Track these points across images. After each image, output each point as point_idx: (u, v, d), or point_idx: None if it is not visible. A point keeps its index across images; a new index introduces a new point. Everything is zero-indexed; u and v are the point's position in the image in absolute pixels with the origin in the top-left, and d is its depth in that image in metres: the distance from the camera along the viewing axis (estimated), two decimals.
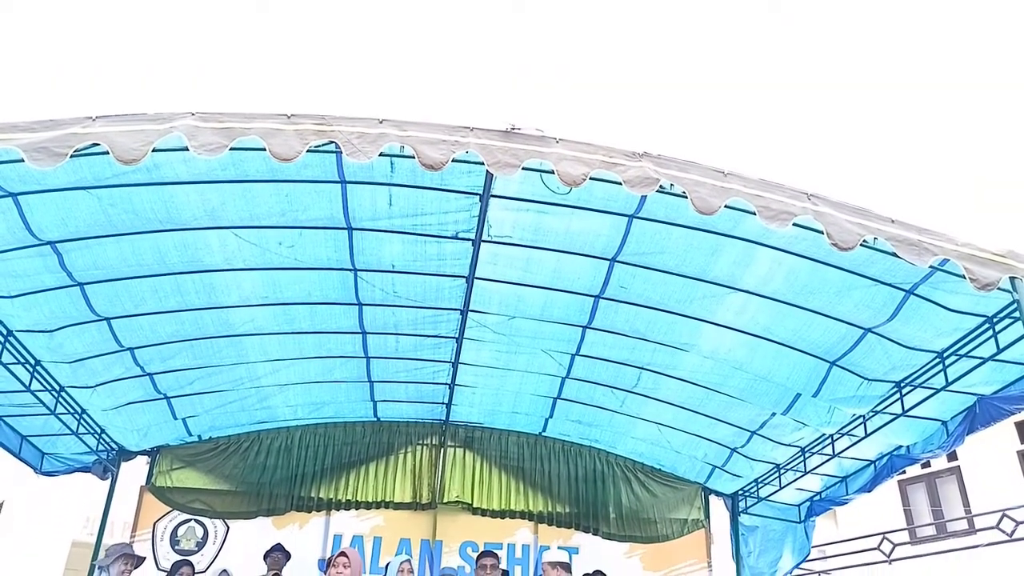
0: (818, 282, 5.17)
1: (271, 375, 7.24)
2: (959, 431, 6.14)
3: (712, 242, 5.07)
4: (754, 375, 6.46)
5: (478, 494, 8.32)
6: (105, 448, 7.61)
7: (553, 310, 6.20)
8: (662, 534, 8.51)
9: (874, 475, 7.37)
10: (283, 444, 8.23)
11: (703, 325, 6.02)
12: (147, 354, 6.48)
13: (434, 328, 6.65)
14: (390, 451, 8.41)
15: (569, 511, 8.44)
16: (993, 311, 5.00)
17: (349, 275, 5.81)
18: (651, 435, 8.12)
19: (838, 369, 5.99)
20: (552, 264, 5.61)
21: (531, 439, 8.62)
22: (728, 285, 5.47)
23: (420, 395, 7.96)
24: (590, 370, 7.13)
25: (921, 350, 5.57)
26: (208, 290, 5.79)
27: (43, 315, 5.58)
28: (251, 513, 7.98)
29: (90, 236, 4.96)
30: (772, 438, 7.40)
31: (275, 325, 6.42)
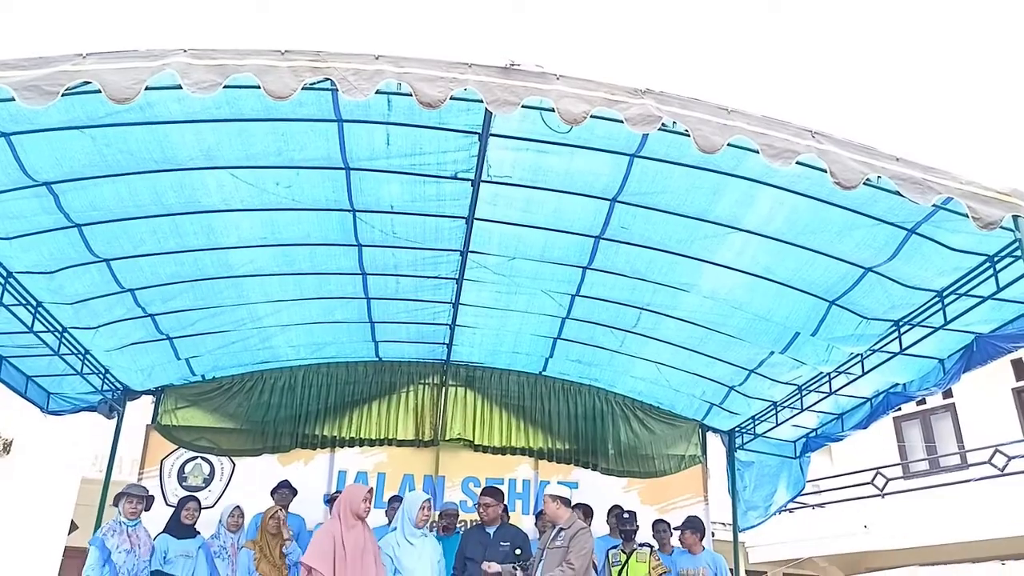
0: (820, 222, 5.14)
1: (272, 316, 7.27)
2: (956, 369, 6.20)
3: (714, 181, 5.02)
4: (753, 315, 6.49)
5: (479, 432, 8.46)
6: (110, 388, 7.70)
7: (553, 251, 6.19)
8: (660, 469, 8.69)
9: (870, 412, 7.48)
10: (286, 383, 8.33)
11: (703, 265, 6.01)
12: (148, 295, 6.49)
13: (434, 269, 6.65)
14: (392, 390, 8.51)
15: (569, 448, 8.60)
16: (994, 250, 4.99)
17: (348, 216, 5.78)
18: (650, 374, 8.21)
19: (837, 308, 6.02)
20: (552, 204, 5.57)
21: (531, 378, 8.71)
22: (729, 225, 5.45)
23: (421, 335, 8.01)
24: (590, 310, 7.16)
25: (921, 289, 5.58)
26: (207, 231, 5.77)
27: (42, 256, 5.58)
28: (256, 450, 8.13)
29: (85, 177, 4.92)
30: (770, 376, 7.48)
31: (275, 266, 6.42)
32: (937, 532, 12.08)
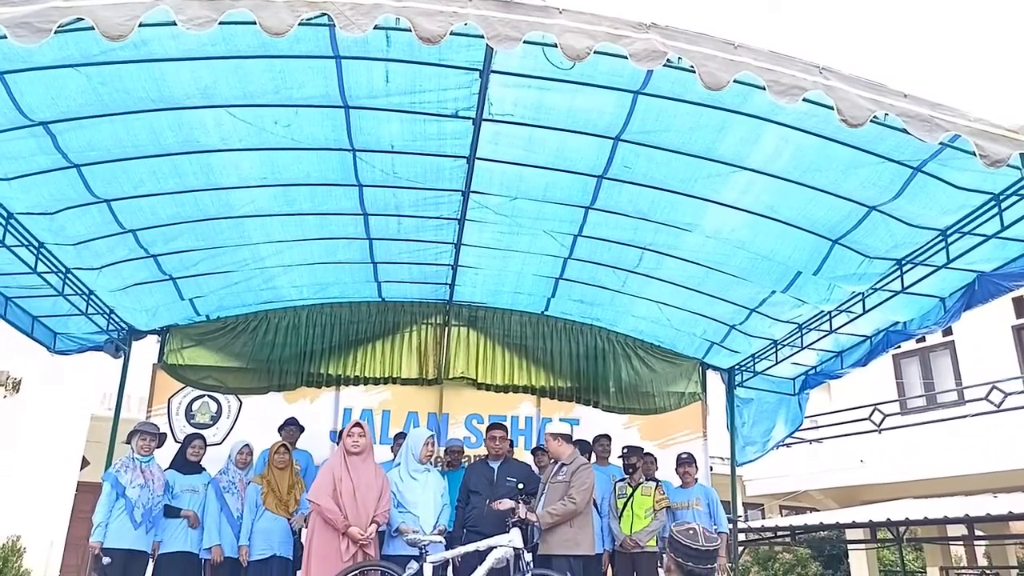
0: (825, 160, 5.09)
1: (274, 256, 7.28)
2: (956, 307, 6.23)
3: (719, 119, 4.94)
4: (756, 254, 6.48)
5: (482, 370, 8.55)
6: (116, 328, 7.77)
7: (555, 191, 6.15)
8: (660, 406, 8.82)
9: (869, 350, 7.54)
10: (290, 323, 8.39)
11: (707, 205, 5.97)
12: (149, 236, 6.49)
13: (436, 209, 6.62)
14: (395, 330, 8.58)
15: (570, 386, 8.71)
16: (1000, 188, 4.95)
17: (348, 155, 5.72)
18: (651, 313, 8.25)
19: (840, 247, 6.00)
20: (554, 143, 5.50)
21: (533, 318, 8.77)
22: (734, 164, 5.39)
23: (423, 276, 8.03)
24: (592, 251, 7.15)
25: (925, 228, 5.56)
26: (206, 171, 5.72)
27: (42, 197, 5.56)
28: (262, 389, 8.25)
29: (82, 116, 4.85)
30: (771, 315, 7.52)
31: (275, 206, 6.39)
32: (932, 466, 12.33)
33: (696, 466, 6.78)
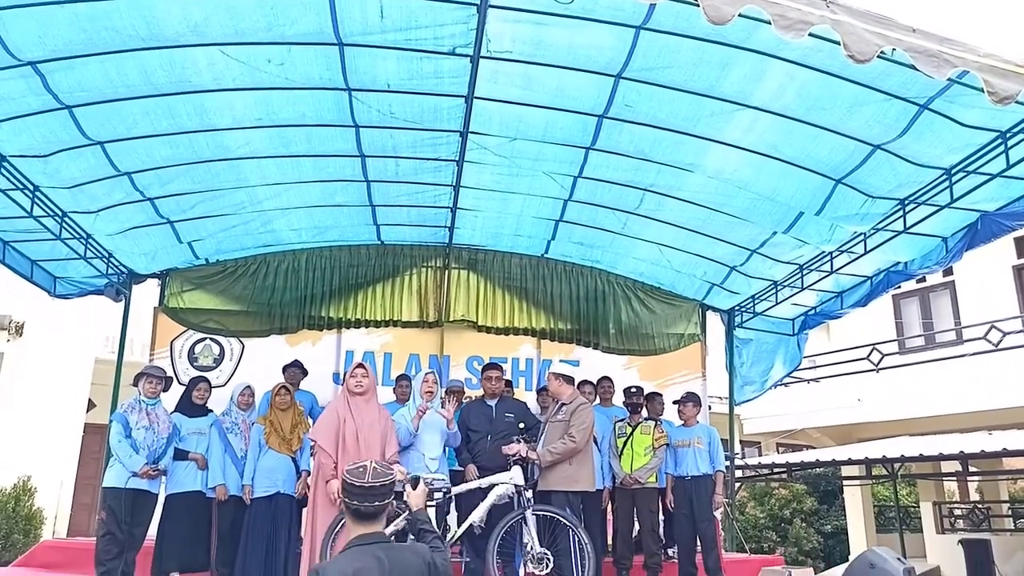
0: (830, 97, 4.99)
1: (272, 199, 7.22)
2: (958, 247, 6.20)
3: (722, 55, 4.83)
4: (758, 194, 6.43)
5: (483, 313, 8.58)
6: (115, 271, 7.76)
7: (555, 131, 6.05)
8: (659, 348, 8.88)
9: (870, 290, 7.55)
10: (290, 266, 8.38)
11: (709, 144, 5.89)
12: (145, 179, 6.43)
13: (434, 151, 6.53)
14: (395, 273, 8.57)
15: (570, 328, 8.75)
16: (1007, 126, 4.88)
17: (343, 95, 5.61)
18: (652, 255, 8.23)
19: (843, 187, 5.95)
20: (554, 82, 5.39)
21: (533, 260, 8.75)
22: (737, 102, 5.29)
23: (423, 219, 7.98)
24: (592, 192, 7.08)
25: (929, 167, 5.50)
26: (200, 112, 5.63)
27: (34, 139, 5.49)
28: (264, 332, 8.29)
29: (71, 56, 4.75)
30: (771, 256, 7.50)
31: (271, 148, 6.30)
32: (928, 405, 12.48)
33: (696, 405, 6.86)
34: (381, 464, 2.69)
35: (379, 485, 2.57)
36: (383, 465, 2.68)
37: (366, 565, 2.47)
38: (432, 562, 2.65)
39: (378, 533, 2.60)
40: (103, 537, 5.67)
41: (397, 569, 2.50)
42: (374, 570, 2.46)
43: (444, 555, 2.79)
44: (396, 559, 2.53)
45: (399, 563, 2.52)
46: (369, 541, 2.56)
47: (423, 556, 2.64)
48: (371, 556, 2.50)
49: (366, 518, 2.58)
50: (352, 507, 2.59)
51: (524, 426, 5.75)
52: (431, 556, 2.67)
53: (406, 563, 2.55)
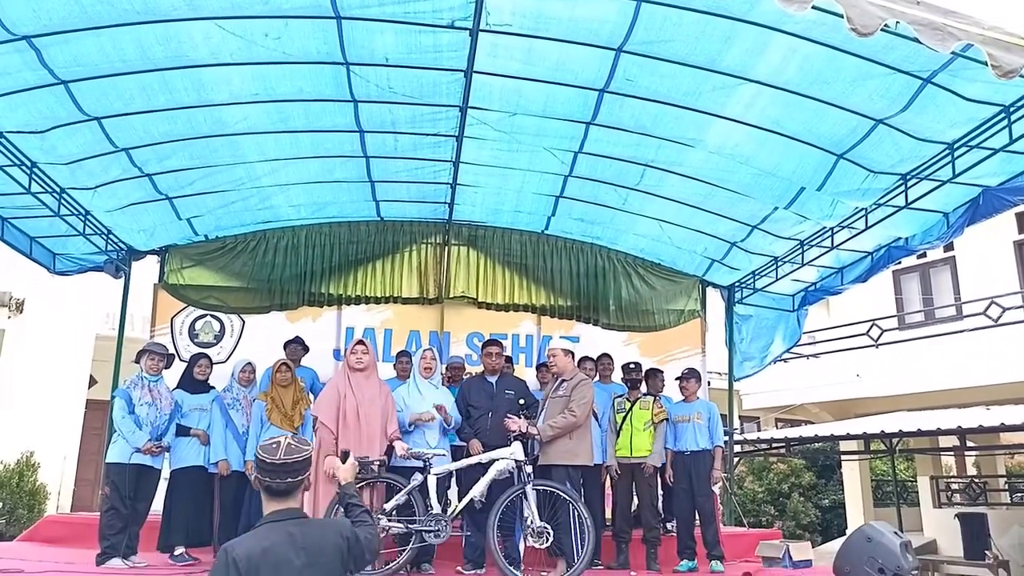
0: (833, 71, 4.95)
1: (270, 175, 7.18)
2: (960, 222, 6.19)
3: (725, 28, 4.78)
4: (759, 170, 6.40)
5: (483, 289, 8.58)
6: (114, 248, 7.76)
7: (555, 106, 6.01)
8: (659, 324, 8.89)
9: (870, 266, 7.54)
10: (289, 243, 8.37)
11: (711, 119, 5.85)
12: (143, 154, 6.39)
13: (433, 126, 6.48)
14: (395, 249, 8.56)
15: (571, 304, 8.75)
16: (1011, 100, 4.85)
17: (341, 69, 5.56)
18: (652, 231, 8.21)
19: (845, 162, 5.92)
20: (555, 56, 5.33)
21: (534, 237, 8.73)
22: (739, 76, 5.24)
23: (422, 195, 7.95)
24: (593, 168, 7.05)
25: (931, 141, 5.47)
26: (197, 87, 5.58)
27: (31, 115, 5.46)
28: (264, 308, 8.30)
29: (67, 30, 4.70)
30: (772, 232, 7.48)
31: (269, 123, 6.26)
32: (927, 380, 12.52)
33: (698, 381, 6.88)
34: (297, 440, 2.61)
35: (291, 462, 2.51)
36: (299, 441, 2.61)
37: (277, 541, 2.42)
38: (352, 537, 2.59)
39: (292, 509, 2.55)
40: (107, 512, 5.72)
41: (311, 545, 2.47)
42: (285, 546, 2.42)
43: (369, 530, 2.75)
44: (310, 534, 2.49)
45: (313, 538, 2.48)
46: (282, 517, 2.50)
47: (341, 531, 2.59)
48: (283, 532, 2.45)
49: (278, 495, 2.53)
50: (264, 483, 2.53)
51: (524, 402, 5.76)
52: (351, 531, 2.62)
53: (321, 538, 2.51)
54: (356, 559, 2.58)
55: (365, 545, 2.62)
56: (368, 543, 2.65)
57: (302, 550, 2.42)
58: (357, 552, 2.58)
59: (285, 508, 2.52)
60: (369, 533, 2.70)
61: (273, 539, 2.42)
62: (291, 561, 2.39)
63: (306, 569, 2.41)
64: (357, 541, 2.59)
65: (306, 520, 2.55)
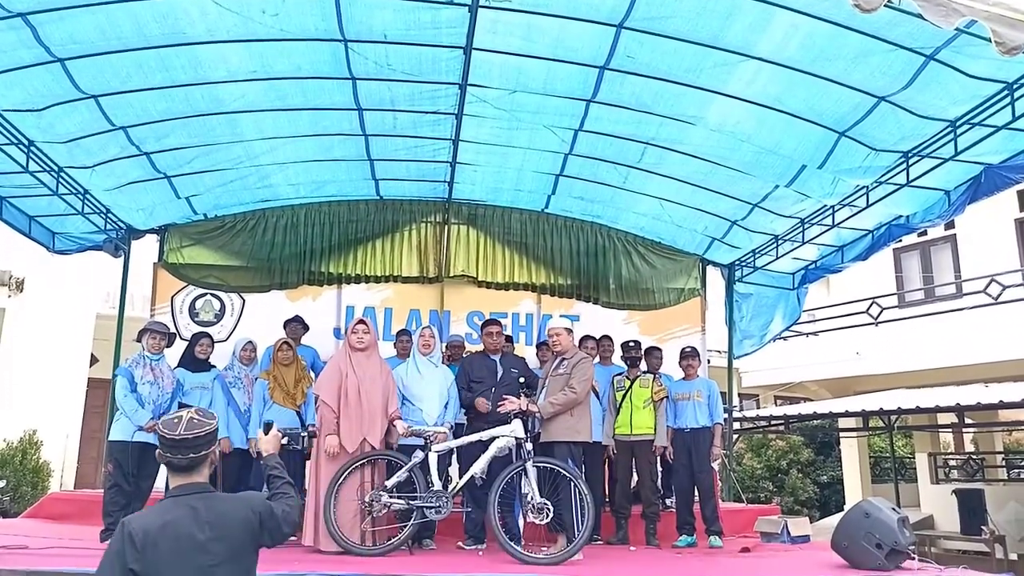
0: (835, 48, 4.91)
1: (269, 153, 7.15)
2: (961, 200, 6.18)
3: (726, 4, 4.73)
4: (760, 147, 6.37)
5: (483, 268, 8.57)
6: (113, 227, 7.74)
7: (556, 83, 5.96)
8: (659, 302, 8.90)
9: (871, 244, 7.54)
10: (289, 222, 8.35)
11: (712, 96, 5.81)
12: (141, 133, 6.36)
13: (432, 104, 6.44)
14: (395, 228, 8.54)
15: (571, 283, 8.75)
16: (1015, 77, 4.82)
17: (339, 46, 5.51)
18: (653, 210, 8.19)
19: (847, 140, 5.89)
20: (555, 32, 5.29)
21: (534, 216, 8.71)
22: (741, 52, 5.20)
23: (422, 173, 7.92)
24: (593, 146, 7.01)
25: (934, 119, 5.44)
26: (194, 64, 5.54)
27: (27, 93, 5.43)
28: (264, 287, 8.29)
29: (62, 7, 4.67)
30: (773, 210, 7.47)
31: (267, 101, 6.22)
32: (926, 358, 12.54)
33: (699, 359, 6.91)
34: (200, 414, 2.53)
35: (192, 437, 2.44)
36: (203, 415, 2.53)
37: (178, 516, 2.37)
38: (265, 510, 2.53)
39: (197, 483, 2.48)
40: (110, 489, 5.76)
41: (216, 519, 2.40)
42: (187, 521, 2.36)
43: (288, 502, 2.67)
44: (215, 509, 2.42)
45: (218, 513, 2.42)
46: (186, 492, 2.44)
47: (251, 505, 2.53)
48: (185, 507, 2.40)
49: (181, 470, 2.46)
50: (165, 459, 2.47)
51: (524, 381, 5.78)
52: (263, 505, 2.56)
53: (228, 512, 2.44)
54: (270, 532, 2.53)
55: (281, 518, 2.56)
56: (285, 516, 2.59)
57: (206, 524, 2.37)
58: (272, 525, 2.53)
59: (190, 483, 2.46)
60: (287, 506, 2.64)
61: (175, 513, 2.37)
62: (193, 535, 2.34)
63: (211, 543, 2.36)
64: (271, 514, 2.54)
65: (212, 494, 2.48)
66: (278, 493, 2.74)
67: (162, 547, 2.30)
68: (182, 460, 2.45)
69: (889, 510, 4.88)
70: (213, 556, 2.36)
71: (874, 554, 4.66)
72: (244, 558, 2.47)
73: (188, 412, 2.52)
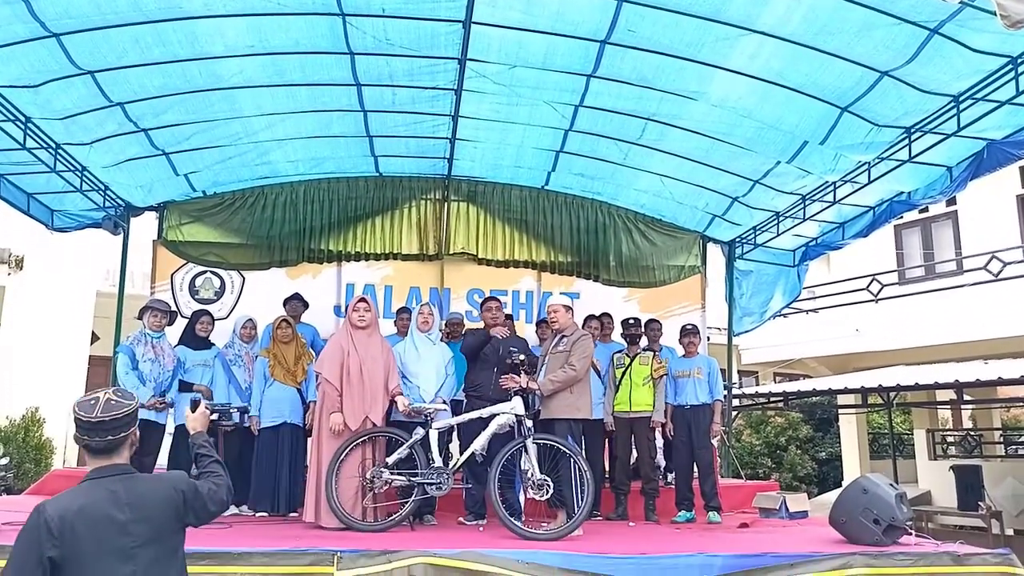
0: (838, 21, 4.86)
1: (267, 130, 7.10)
2: (963, 176, 6.15)
3: None
4: (762, 123, 6.32)
5: (483, 245, 8.55)
6: (112, 204, 7.71)
7: (556, 58, 5.91)
8: (659, 280, 8.89)
9: (872, 220, 7.51)
10: (288, 199, 8.31)
11: (713, 71, 5.76)
12: (138, 109, 6.32)
13: (431, 79, 6.39)
14: (394, 205, 8.51)
15: (571, 260, 8.74)
16: (1019, 51, 4.77)
17: (337, 20, 5.46)
18: (653, 187, 8.15)
19: (849, 115, 5.85)
20: (555, 5, 5.23)
21: (534, 192, 8.67)
22: (743, 26, 5.15)
23: (421, 150, 7.87)
24: (594, 122, 6.97)
25: (937, 94, 5.40)
26: (191, 39, 5.49)
27: (23, 69, 5.38)
28: (264, 264, 8.28)
29: None
30: (774, 187, 7.43)
31: (265, 77, 6.17)
32: (926, 334, 12.56)
33: (699, 337, 6.92)
34: (119, 395, 2.45)
35: (109, 419, 2.37)
36: (121, 395, 2.46)
37: (96, 499, 2.32)
38: (190, 489, 2.48)
39: (117, 465, 2.42)
40: None
41: (136, 500, 2.35)
42: (106, 503, 2.31)
43: (215, 480, 2.62)
44: (135, 490, 2.37)
45: (138, 494, 2.37)
46: (105, 474, 2.39)
47: (174, 484, 2.48)
48: (103, 489, 2.34)
49: (99, 453, 2.40)
50: (82, 442, 2.40)
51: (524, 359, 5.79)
52: (187, 483, 2.50)
53: (149, 493, 2.40)
54: (196, 512, 2.49)
55: (208, 496, 2.52)
56: (212, 494, 2.54)
57: (126, 506, 2.33)
58: (197, 504, 2.49)
59: (109, 464, 2.41)
60: (214, 484, 2.59)
61: (92, 496, 2.33)
62: (112, 517, 2.30)
63: (131, 524, 2.32)
64: (196, 493, 2.49)
65: (133, 475, 2.43)
66: (206, 471, 2.67)
67: (80, 531, 2.25)
68: (100, 443, 2.38)
69: (887, 486, 4.90)
70: (135, 537, 2.32)
71: (872, 529, 4.69)
72: (168, 538, 2.43)
73: (106, 393, 2.44)
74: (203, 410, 2.96)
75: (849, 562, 4.33)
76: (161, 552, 2.39)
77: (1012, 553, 4.49)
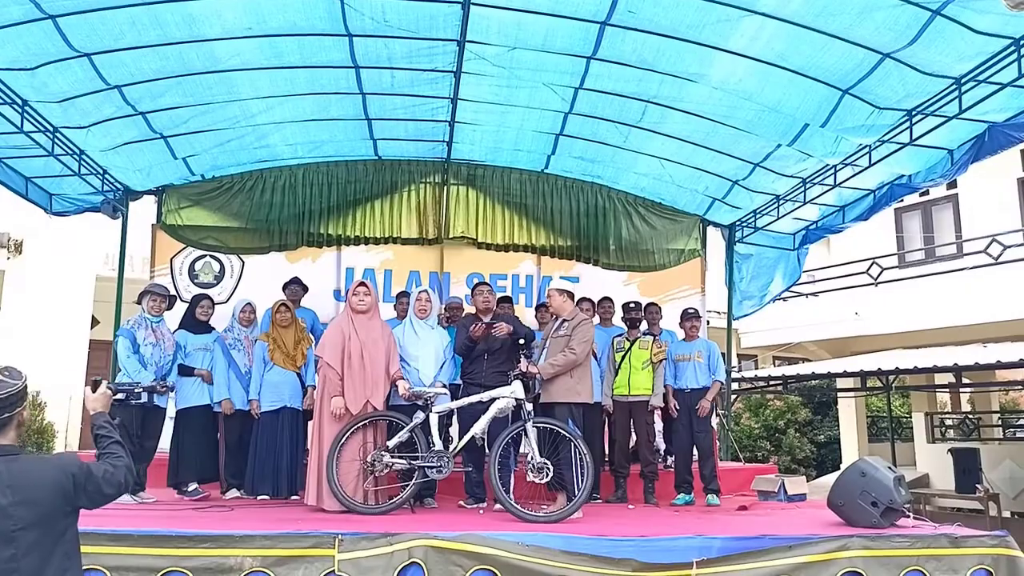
0: (840, 2, 4.82)
1: (265, 113, 7.06)
2: (964, 159, 6.13)
3: None
4: (763, 105, 6.29)
5: (482, 229, 8.53)
6: (111, 188, 7.69)
7: (555, 40, 5.87)
8: (659, 263, 8.89)
9: (872, 204, 7.50)
10: (287, 182, 8.28)
11: (714, 53, 5.72)
12: (136, 92, 6.28)
13: (430, 61, 6.34)
14: (394, 189, 8.48)
15: (571, 244, 8.72)
16: (1021, 32, 4.74)
17: (335, 1, 5.40)
18: (653, 170, 8.12)
19: (850, 98, 5.82)
20: None
21: (533, 176, 8.64)
22: (744, 7, 5.10)
23: (420, 133, 7.83)
24: (594, 105, 6.93)
25: (939, 76, 5.37)
26: (188, 21, 5.44)
27: (19, 51, 5.34)
28: (263, 248, 8.26)
29: None
30: (775, 170, 7.41)
31: (262, 59, 6.13)
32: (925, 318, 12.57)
33: (700, 320, 6.93)
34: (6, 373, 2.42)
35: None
36: (9, 374, 2.41)
37: None
38: (82, 471, 2.41)
39: (2, 446, 2.36)
40: None
41: (18, 483, 2.30)
42: None
43: (113, 462, 2.55)
44: (20, 471, 2.31)
45: (23, 476, 2.31)
46: None
47: (63, 467, 2.41)
48: None
49: None
50: None
51: (523, 342, 5.79)
52: (79, 466, 2.43)
53: (34, 475, 2.34)
54: (89, 494, 2.43)
55: (102, 478, 2.45)
56: (107, 476, 2.47)
57: (8, 488, 2.27)
58: (91, 487, 2.43)
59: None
60: (111, 466, 2.51)
61: None
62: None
63: (12, 508, 2.26)
64: (89, 475, 2.42)
65: (18, 457, 2.36)
66: (105, 453, 2.61)
67: None
68: None
69: (885, 469, 4.92)
70: (16, 520, 2.27)
71: (870, 512, 4.72)
72: (56, 522, 2.38)
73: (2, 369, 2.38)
74: (104, 390, 2.87)
75: (847, 544, 4.36)
76: (46, 536, 2.34)
77: (1009, 535, 4.52)
